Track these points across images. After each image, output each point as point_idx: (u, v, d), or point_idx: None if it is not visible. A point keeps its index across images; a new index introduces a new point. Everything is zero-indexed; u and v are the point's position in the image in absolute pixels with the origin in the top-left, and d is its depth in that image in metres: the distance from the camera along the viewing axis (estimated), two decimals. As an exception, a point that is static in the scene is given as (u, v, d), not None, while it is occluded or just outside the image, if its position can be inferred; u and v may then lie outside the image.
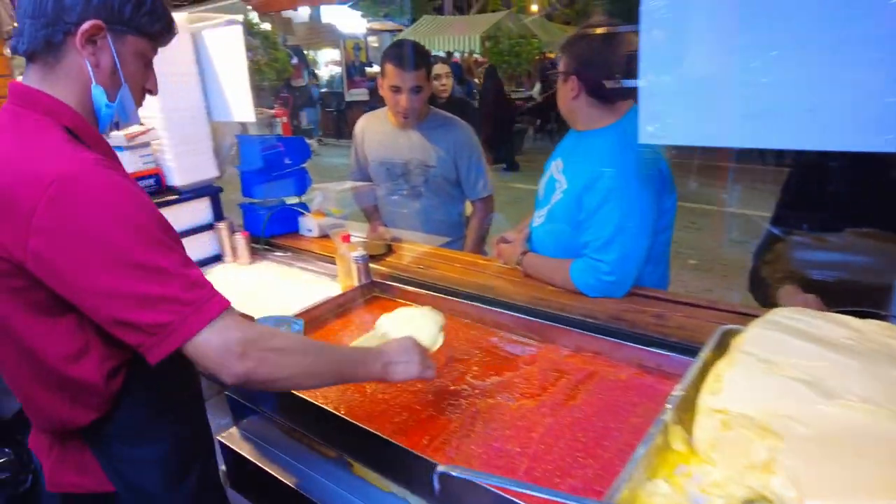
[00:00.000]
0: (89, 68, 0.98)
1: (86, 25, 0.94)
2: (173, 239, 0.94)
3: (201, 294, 0.90)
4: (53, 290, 0.90)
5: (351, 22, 14.96)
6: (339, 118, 13.00)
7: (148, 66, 1.09)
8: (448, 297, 1.72)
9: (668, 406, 0.94)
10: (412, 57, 2.18)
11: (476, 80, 11.05)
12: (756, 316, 1.59)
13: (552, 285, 1.75)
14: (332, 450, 1.24)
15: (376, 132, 2.46)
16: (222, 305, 0.91)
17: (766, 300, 1.60)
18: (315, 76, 13.35)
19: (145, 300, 0.86)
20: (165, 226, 0.94)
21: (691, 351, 1.35)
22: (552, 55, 14.40)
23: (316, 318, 1.67)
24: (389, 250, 2.18)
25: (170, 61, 2.12)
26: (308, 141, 2.61)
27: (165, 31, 1.07)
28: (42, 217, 0.84)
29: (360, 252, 1.82)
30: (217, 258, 2.34)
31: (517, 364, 1.39)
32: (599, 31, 1.62)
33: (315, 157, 11.14)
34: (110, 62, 1.00)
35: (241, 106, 2.25)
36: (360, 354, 1.13)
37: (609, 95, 1.63)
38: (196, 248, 2.27)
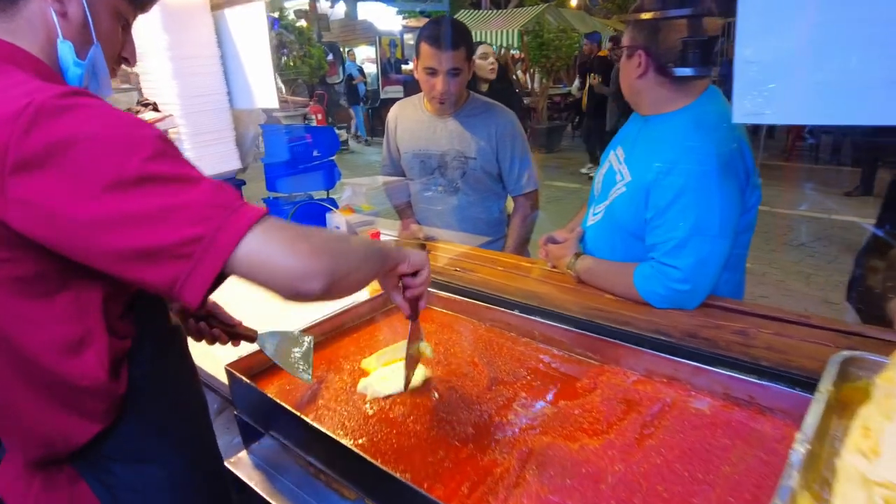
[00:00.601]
0: (55, 18, 0.83)
1: None
2: (180, 153, 0.77)
3: (231, 196, 0.73)
4: (45, 246, 0.71)
5: (387, 18, 14.89)
6: (373, 115, 13.05)
7: (126, 30, 0.94)
8: (489, 306, 1.50)
9: (793, 468, 0.70)
10: (450, 35, 1.94)
11: (515, 76, 10.78)
12: (859, 335, 1.33)
13: (611, 293, 1.51)
14: (353, 491, 1.03)
15: (410, 121, 2.24)
16: (260, 209, 0.74)
17: (875, 312, 1.34)
18: (363, 73, 13.24)
19: (166, 212, 0.69)
20: (169, 141, 0.77)
21: (787, 379, 1.11)
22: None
23: (341, 325, 1.48)
24: (423, 250, 1.99)
25: (190, 43, 1.96)
26: (337, 131, 2.44)
27: None
28: (19, 151, 0.67)
29: (390, 252, 1.63)
30: (238, 257, 2.19)
31: (575, 391, 1.16)
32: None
33: (350, 154, 11.14)
34: (80, 14, 0.85)
35: (263, 91, 2.09)
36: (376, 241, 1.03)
37: (682, 73, 1.38)
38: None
